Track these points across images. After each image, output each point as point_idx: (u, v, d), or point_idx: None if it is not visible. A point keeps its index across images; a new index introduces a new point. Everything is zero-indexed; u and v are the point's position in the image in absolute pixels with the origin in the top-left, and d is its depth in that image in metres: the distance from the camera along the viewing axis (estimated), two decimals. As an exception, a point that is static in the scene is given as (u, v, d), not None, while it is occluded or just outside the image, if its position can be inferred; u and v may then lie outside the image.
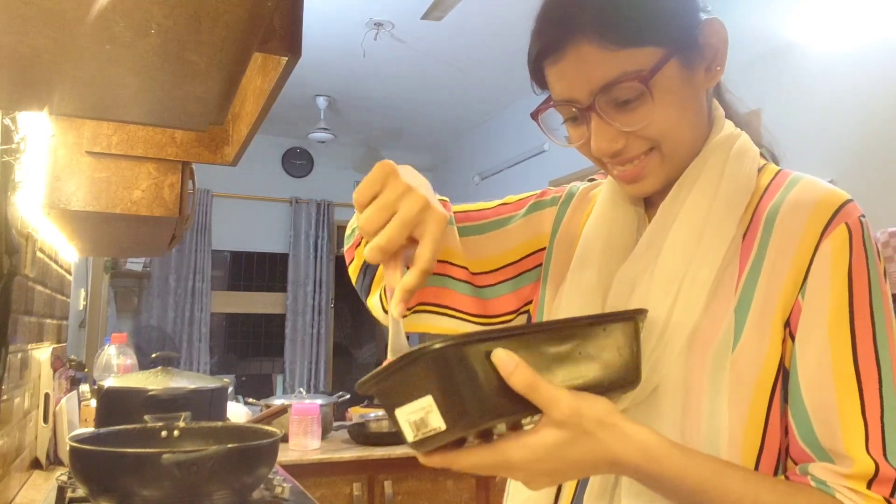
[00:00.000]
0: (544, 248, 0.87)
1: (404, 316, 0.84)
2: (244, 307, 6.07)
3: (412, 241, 0.65)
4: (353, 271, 0.89)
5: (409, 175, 0.67)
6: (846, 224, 0.66)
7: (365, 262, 0.84)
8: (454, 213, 0.87)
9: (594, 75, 0.68)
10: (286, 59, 0.71)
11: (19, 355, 1.38)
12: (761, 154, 0.78)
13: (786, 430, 0.68)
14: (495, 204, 0.91)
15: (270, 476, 1.29)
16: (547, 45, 0.71)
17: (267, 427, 1.25)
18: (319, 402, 2.53)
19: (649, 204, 0.80)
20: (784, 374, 0.67)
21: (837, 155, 2.79)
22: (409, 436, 0.58)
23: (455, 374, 0.55)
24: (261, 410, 2.52)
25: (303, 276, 5.99)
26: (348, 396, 2.77)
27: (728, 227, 0.70)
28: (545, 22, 0.73)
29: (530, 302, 0.87)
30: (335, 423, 2.67)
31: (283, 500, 1.26)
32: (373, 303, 0.86)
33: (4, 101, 0.78)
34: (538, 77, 0.76)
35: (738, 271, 0.70)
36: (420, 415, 0.56)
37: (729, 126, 0.76)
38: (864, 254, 0.66)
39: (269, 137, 5.89)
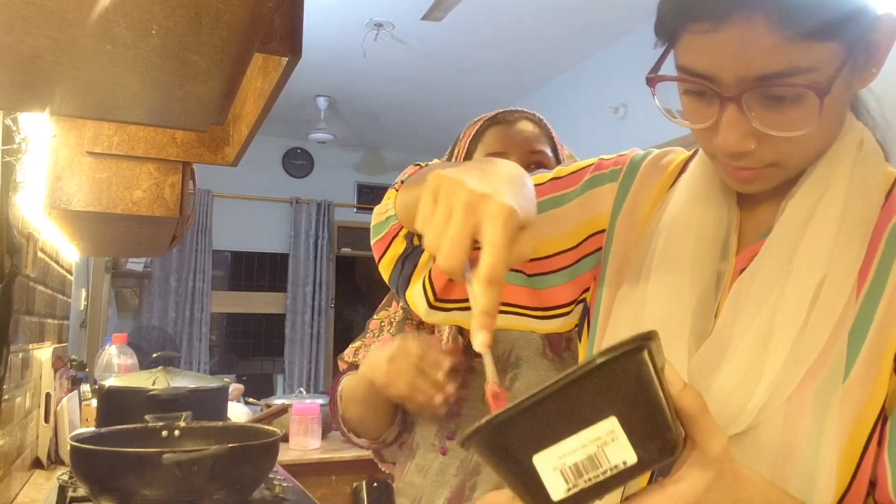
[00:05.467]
0: (603, 230, 0.76)
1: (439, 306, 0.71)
2: (244, 307, 6.08)
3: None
4: (386, 266, 0.76)
5: (476, 168, 0.56)
6: None
7: (405, 250, 0.74)
8: None
9: (757, 61, 0.56)
10: (287, 59, 0.71)
11: (20, 355, 1.38)
12: None
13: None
14: (548, 178, 0.78)
15: (271, 476, 1.29)
16: (706, 7, 0.57)
17: (267, 427, 1.25)
18: (320, 401, 2.53)
19: (740, 197, 0.70)
20: (884, 414, 0.60)
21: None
22: (559, 490, 0.43)
23: (646, 385, 0.44)
24: (261, 410, 2.52)
25: (302, 276, 6.00)
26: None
27: (860, 244, 0.61)
28: None
29: (588, 289, 0.77)
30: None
31: (283, 499, 1.26)
32: (412, 294, 0.74)
33: (6, 101, 0.78)
34: (668, 33, 0.62)
35: (856, 293, 0.61)
36: (588, 451, 0.43)
37: (852, 121, 0.66)
38: None
39: (269, 138, 5.90)
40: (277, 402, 2.60)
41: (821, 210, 0.63)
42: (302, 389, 3.02)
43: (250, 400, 2.84)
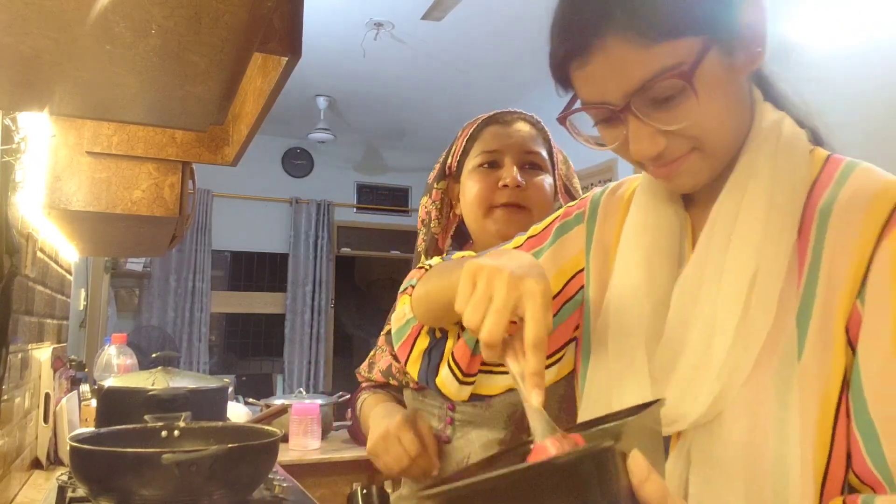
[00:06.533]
0: (583, 269, 0.82)
1: (471, 380, 0.79)
2: (244, 307, 6.08)
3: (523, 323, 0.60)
4: (413, 362, 0.83)
5: (503, 257, 0.64)
6: None
7: (429, 344, 0.81)
8: None
9: (628, 75, 0.62)
10: (286, 59, 0.71)
11: (20, 355, 1.38)
12: (807, 137, 0.72)
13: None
14: (524, 240, 0.86)
15: (270, 476, 1.29)
16: (573, 47, 0.65)
17: (267, 427, 1.25)
18: (320, 402, 2.53)
19: (689, 202, 0.75)
20: (848, 386, 0.62)
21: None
22: None
23: (598, 486, 0.45)
24: (261, 410, 2.52)
25: (302, 276, 6.00)
26: (348, 396, 2.77)
27: (790, 228, 0.65)
28: (568, 21, 0.66)
29: (577, 327, 0.82)
30: (335, 423, 2.67)
31: (283, 499, 1.26)
32: (442, 379, 0.80)
33: (5, 101, 0.78)
34: (562, 80, 0.70)
35: (798, 275, 0.64)
36: None
37: (769, 110, 0.71)
38: None
39: (269, 137, 5.90)
40: (277, 402, 2.60)
41: (746, 205, 0.66)
42: (301, 389, 3.01)
43: (250, 400, 2.84)
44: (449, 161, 1.26)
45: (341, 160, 6.34)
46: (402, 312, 0.84)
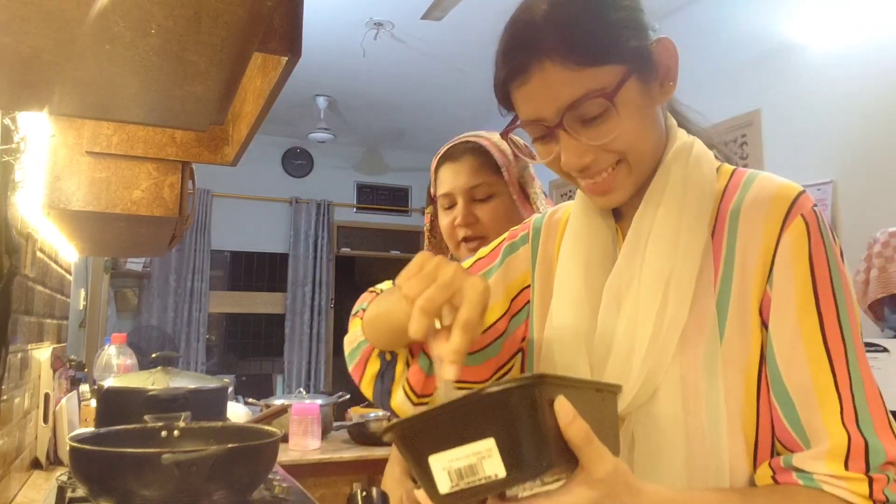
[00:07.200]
0: (529, 286, 0.90)
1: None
2: (244, 307, 6.07)
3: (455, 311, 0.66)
4: (367, 385, 0.88)
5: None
6: (802, 216, 0.71)
7: (380, 368, 0.87)
8: None
9: (561, 94, 0.72)
10: (286, 59, 0.71)
11: (19, 355, 1.38)
12: (715, 156, 0.82)
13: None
14: (471, 262, 0.93)
15: (270, 476, 1.29)
16: (514, 68, 0.75)
17: (267, 427, 1.25)
18: (319, 402, 2.53)
19: (618, 215, 0.84)
20: (765, 361, 0.72)
21: (837, 155, 2.79)
22: (445, 486, 0.54)
23: (524, 417, 0.53)
24: (261, 410, 2.52)
25: (302, 276, 5.99)
26: (348, 396, 2.77)
27: (700, 231, 0.74)
28: (510, 47, 0.77)
29: (524, 339, 0.89)
30: (335, 423, 2.67)
31: (282, 500, 1.26)
32: (396, 401, 0.86)
33: (4, 101, 0.78)
34: (505, 101, 0.80)
35: (714, 269, 0.74)
36: (470, 461, 0.53)
37: (682, 134, 0.81)
38: (822, 240, 0.71)
39: (269, 137, 5.90)
40: (277, 402, 2.60)
41: (661, 213, 0.76)
42: (301, 390, 3.01)
43: (250, 400, 2.84)
44: (431, 190, 1.40)
45: (341, 160, 6.34)
46: (354, 335, 0.90)
